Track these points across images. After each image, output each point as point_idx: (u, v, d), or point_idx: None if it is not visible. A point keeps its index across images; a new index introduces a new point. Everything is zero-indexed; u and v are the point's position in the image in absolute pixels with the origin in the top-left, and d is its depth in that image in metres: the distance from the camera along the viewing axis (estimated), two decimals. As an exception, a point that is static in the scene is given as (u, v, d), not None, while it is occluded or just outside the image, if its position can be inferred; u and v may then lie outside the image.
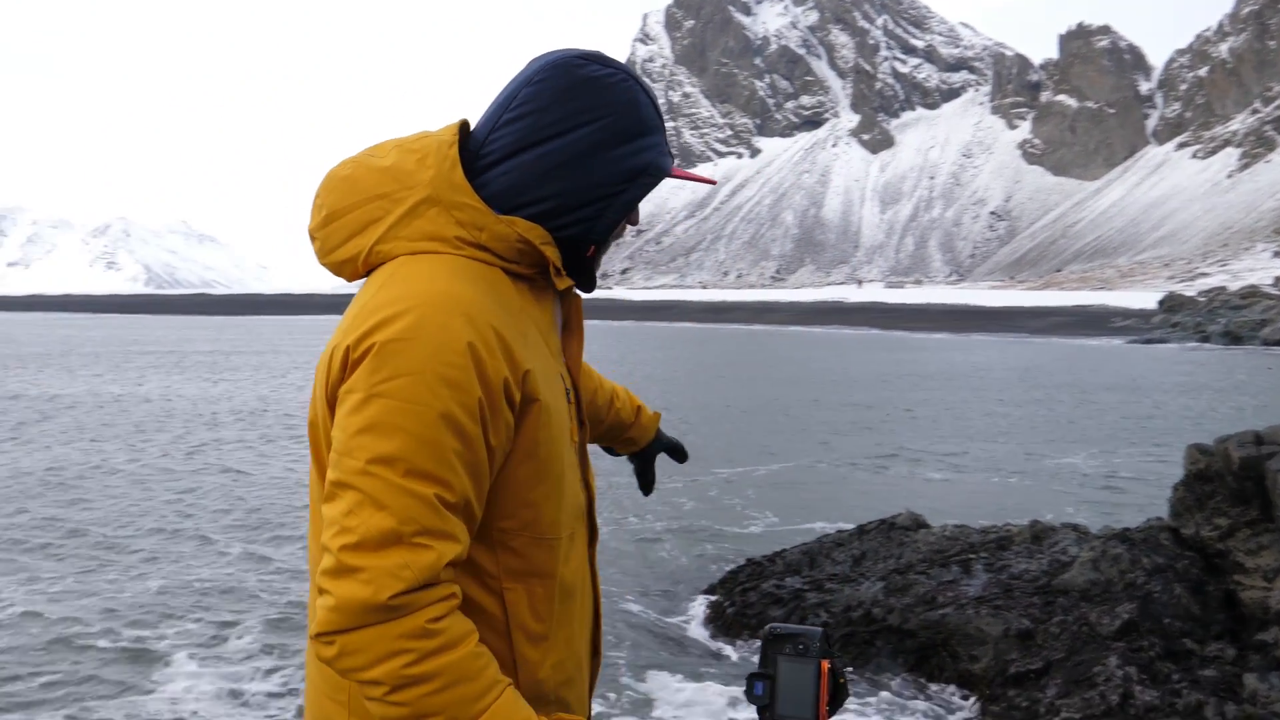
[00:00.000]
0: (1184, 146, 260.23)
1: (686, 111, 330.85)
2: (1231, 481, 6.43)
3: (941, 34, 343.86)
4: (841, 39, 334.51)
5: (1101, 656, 5.75)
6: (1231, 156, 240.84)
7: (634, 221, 1.56)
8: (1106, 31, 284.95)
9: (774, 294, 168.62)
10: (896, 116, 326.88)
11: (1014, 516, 9.47)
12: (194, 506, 11.71)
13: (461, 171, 1.43)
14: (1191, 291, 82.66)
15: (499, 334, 1.35)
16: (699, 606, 8.12)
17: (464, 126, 1.51)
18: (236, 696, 6.30)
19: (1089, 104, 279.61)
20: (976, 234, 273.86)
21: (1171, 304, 64.29)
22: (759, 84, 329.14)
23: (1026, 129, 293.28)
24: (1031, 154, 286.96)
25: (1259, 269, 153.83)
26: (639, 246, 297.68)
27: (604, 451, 2.10)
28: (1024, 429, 19.19)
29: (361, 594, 1.22)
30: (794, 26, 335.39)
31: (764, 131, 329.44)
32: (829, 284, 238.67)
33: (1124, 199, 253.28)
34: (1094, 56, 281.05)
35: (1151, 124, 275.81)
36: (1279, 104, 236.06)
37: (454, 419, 1.29)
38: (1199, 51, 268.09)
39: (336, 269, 1.50)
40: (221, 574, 8.88)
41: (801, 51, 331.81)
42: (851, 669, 6.71)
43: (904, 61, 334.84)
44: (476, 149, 1.47)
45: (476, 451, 1.32)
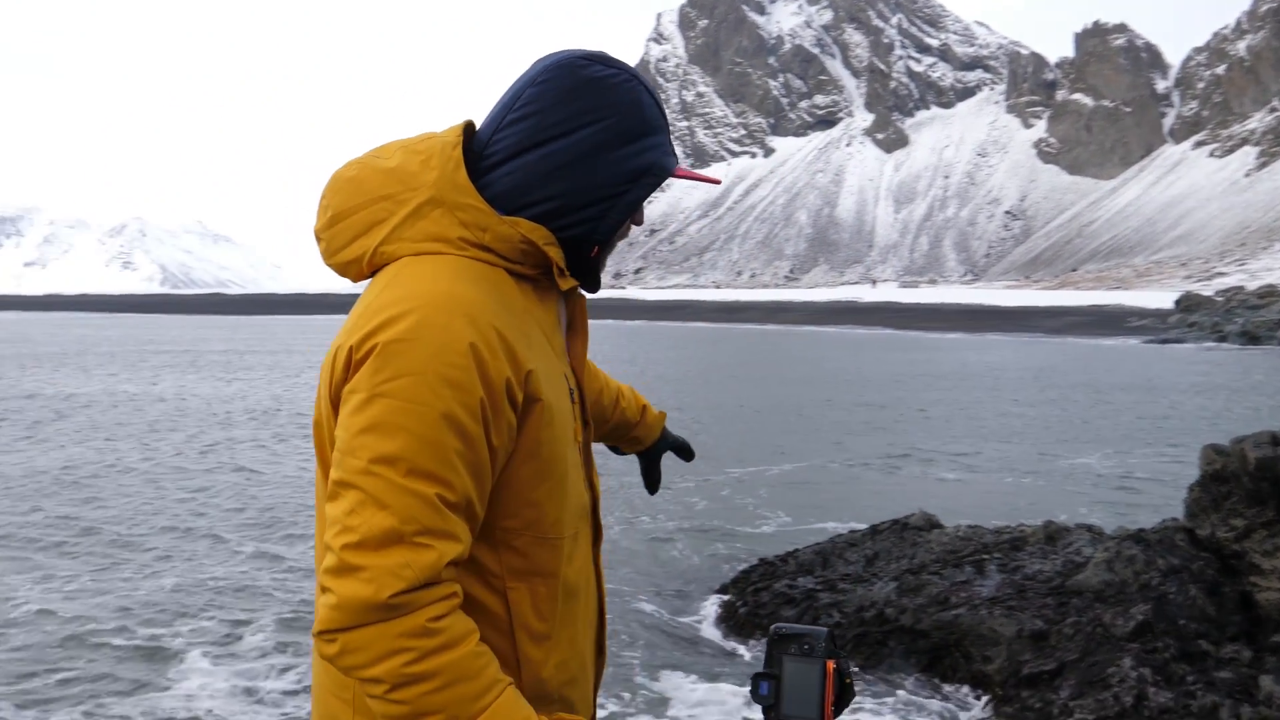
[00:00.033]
0: (1201, 145, 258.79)
1: (700, 111, 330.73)
2: (1248, 482, 6.38)
3: (956, 33, 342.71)
4: (856, 38, 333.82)
5: (1116, 658, 5.71)
6: (1249, 155, 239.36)
7: (639, 221, 1.56)
8: (1123, 30, 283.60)
9: (787, 294, 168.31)
10: (911, 116, 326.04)
11: (1028, 517, 9.43)
12: (207, 505, 11.76)
13: (465, 173, 1.43)
14: (1209, 291, 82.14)
15: (501, 334, 1.35)
16: (711, 606, 8.10)
17: (469, 127, 1.51)
18: (251, 694, 6.32)
19: (1105, 103, 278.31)
20: (991, 233, 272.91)
21: (1188, 304, 63.86)
22: (773, 83, 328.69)
23: (1042, 128, 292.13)
24: (1047, 153, 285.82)
25: (1277, 268, 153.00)
26: (652, 246, 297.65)
27: (610, 450, 2.10)
28: (1038, 429, 19.10)
29: (363, 592, 1.23)
30: (808, 26, 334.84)
31: (778, 131, 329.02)
32: (843, 284, 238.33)
33: (1140, 198, 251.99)
34: (1110, 55, 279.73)
35: (1168, 123, 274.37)
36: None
37: (456, 419, 1.29)
38: (1216, 49, 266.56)
39: (342, 270, 1.50)
40: (235, 572, 8.91)
41: (815, 51, 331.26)
42: (858, 669, 6.69)
43: (919, 60, 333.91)
44: (481, 150, 1.48)
45: (478, 451, 1.32)
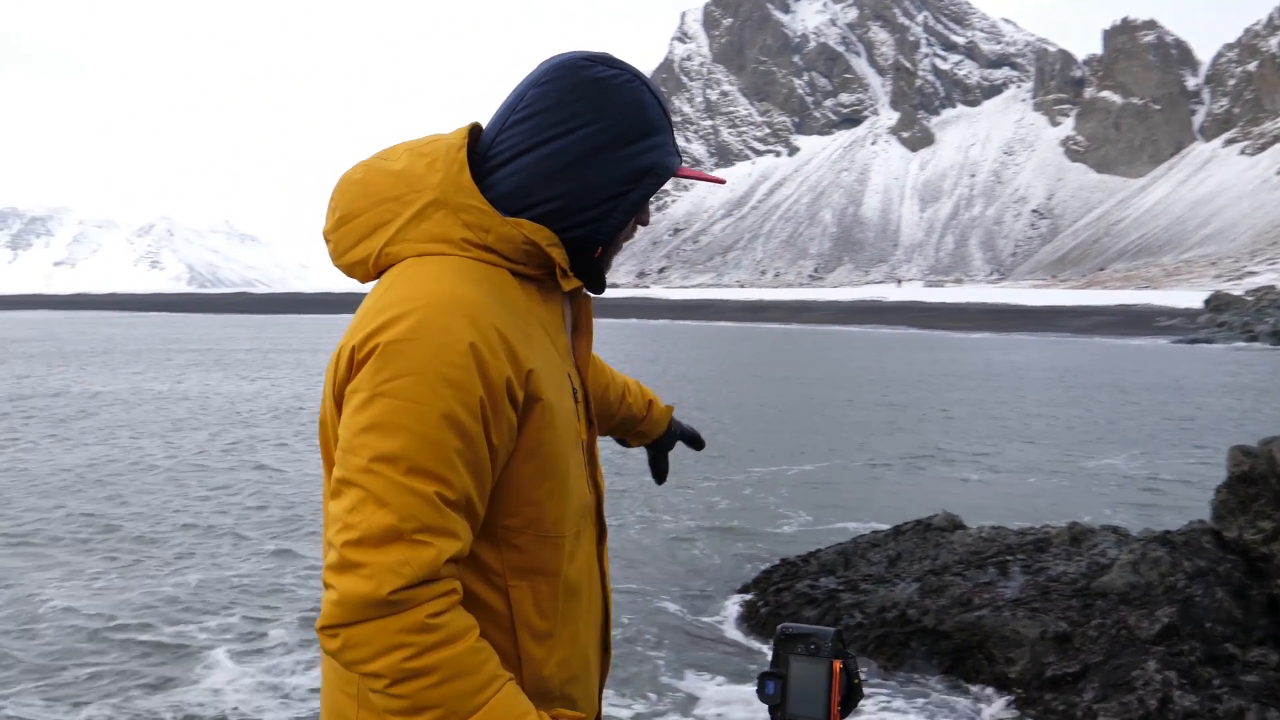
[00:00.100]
0: (1232, 143, 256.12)
1: (724, 110, 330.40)
2: (1276, 484, 6.30)
3: (983, 30, 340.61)
4: (881, 36, 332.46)
5: (1140, 660, 5.65)
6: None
7: (644, 221, 1.57)
8: (1152, 26, 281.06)
9: (812, 293, 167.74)
10: (937, 114, 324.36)
11: (1052, 518, 9.35)
12: (229, 503, 11.84)
13: (469, 174, 1.45)
14: (1239, 290, 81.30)
15: (502, 334, 1.37)
16: (733, 606, 8.10)
17: (475, 129, 1.53)
18: (277, 690, 6.37)
19: (1134, 100, 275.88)
20: (1018, 232, 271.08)
21: (1218, 303, 63.17)
22: (797, 82, 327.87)
23: (1069, 126, 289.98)
24: (1075, 151, 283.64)
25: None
26: (676, 245, 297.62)
27: (616, 443, 2.13)
28: (1063, 429, 18.95)
29: (363, 589, 1.25)
30: (833, 24, 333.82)
31: (802, 130, 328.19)
32: (868, 283, 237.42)
33: (1169, 196, 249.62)
34: (1139, 52, 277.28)
35: (1198, 120, 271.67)
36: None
37: (455, 418, 1.31)
38: (1248, 46, 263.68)
39: (349, 270, 1.52)
40: (258, 570, 8.97)
41: (840, 49, 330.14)
42: (883, 669, 6.66)
43: (944, 58, 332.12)
44: (485, 151, 1.49)
45: (478, 450, 1.34)
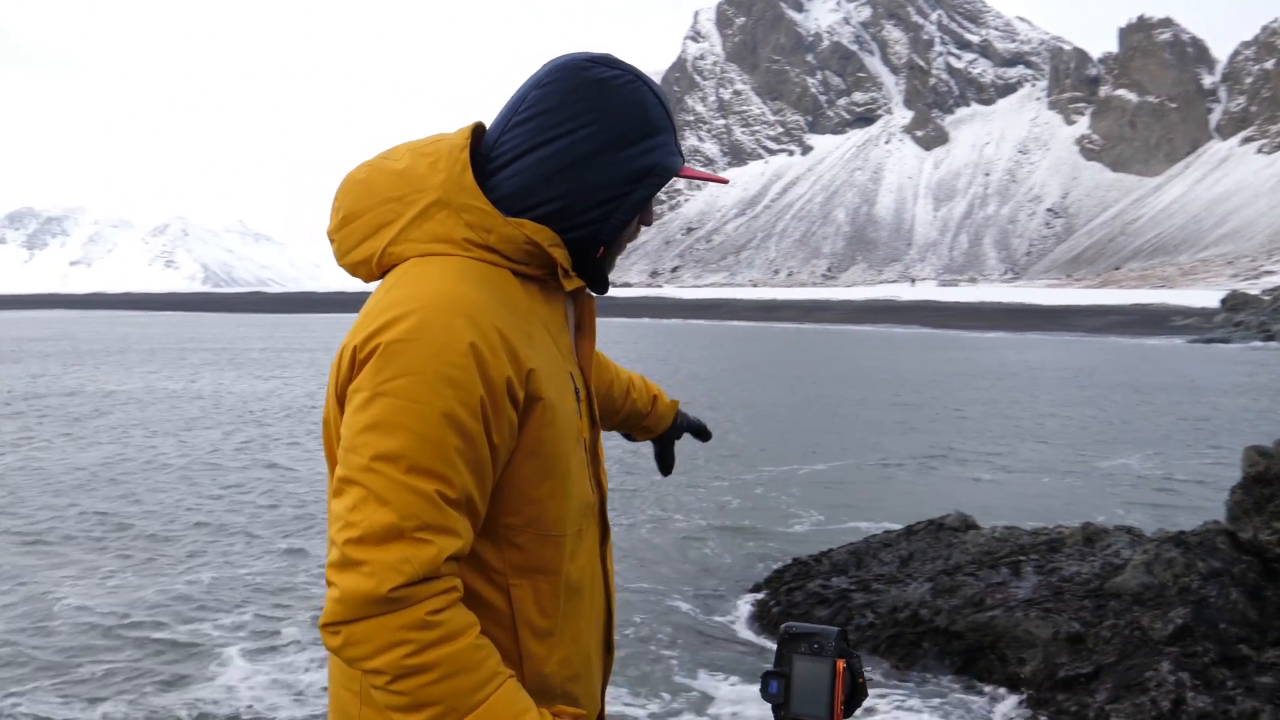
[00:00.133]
0: (1249, 141, 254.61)
1: (737, 109, 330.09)
2: (1291, 484, 6.25)
3: (997, 28, 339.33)
4: (895, 35, 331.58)
5: (1154, 661, 5.62)
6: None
7: (648, 222, 1.57)
8: (1168, 24, 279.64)
9: (825, 292, 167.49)
10: (951, 113, 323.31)
11: (1066, 518, 9.31)
12: (242, 502, 11.89)
13: (471, 175, 1.46)
14: (1256, 289, 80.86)
15: (502, 334, 1.37)
16: (745, 605, 8.09)
17: (478, 129, 1.53)
18: (290, 688, 6.39)
19: (1149, 98, 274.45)
20: (1033, 231, 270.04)
21: (1234, 302, 62.76)
22: (811, 81, 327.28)
23: (1085, 124, 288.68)
24: (1090, 150, 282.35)
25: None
26: (689, 245, 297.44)
27: (623, 438, 2.16)
28: (1077, 429, 18.86)
29: (364, 586, 1.26)
30: (846, 22, 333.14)
31: (816, 129, 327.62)
32: (881, 282, 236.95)
33: (1185, 195, 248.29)
34: (1155, 50, 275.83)
35: (1215, 118, 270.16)
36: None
37: (456, 417, 1.32)
38: (1265, 43, 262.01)
39: (352, 270, 1.53)
40: (272, 568, 9.01)
41: (854, 48, 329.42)
42: (879, 670, 6.65)
43: (959, 57, 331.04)
44: (488, 152, 1.50)
45: (479, 449, 1.35)
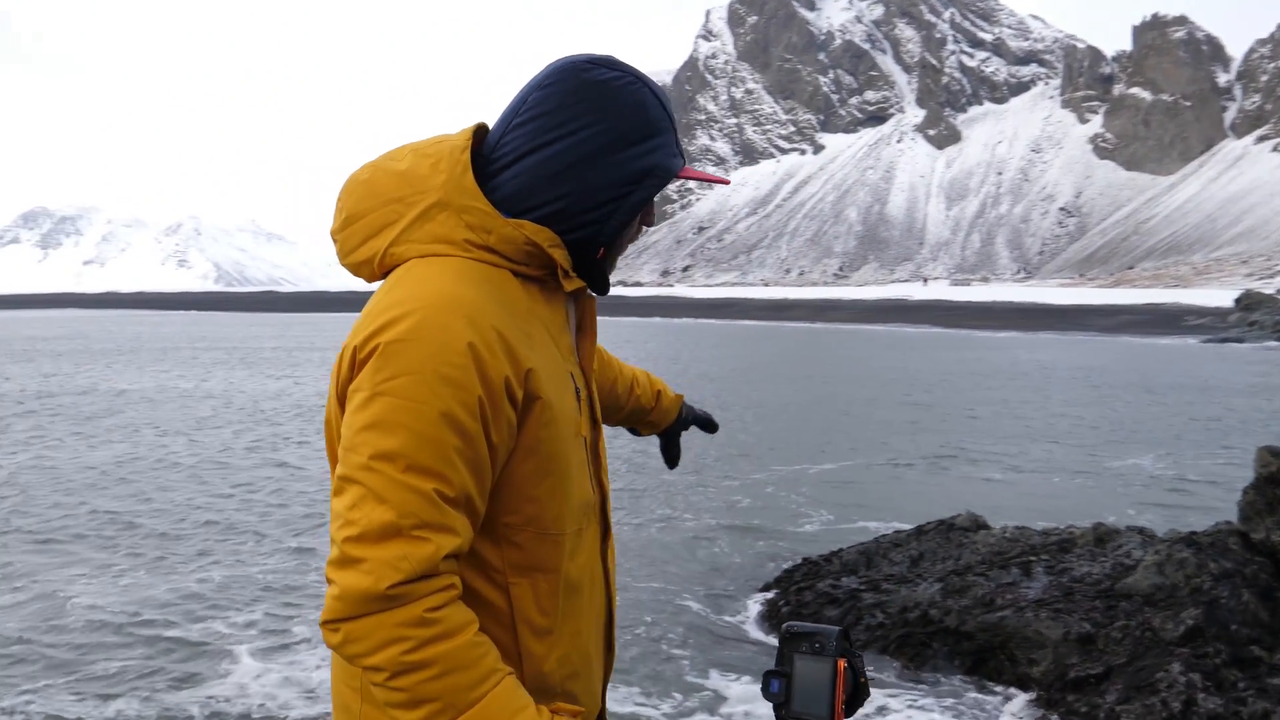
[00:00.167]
0: (1264, 140, 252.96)
1: (749, 108, 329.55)
2: (1304, 485, 6.22)
3: (1010, 26, 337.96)
4: (907, 33, 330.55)
5: (1164, 662, 5.60)
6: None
7: (649, 222, 1.58)
8: (1183, 22, 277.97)
9: (836, 291, 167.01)
10: (963, 111, 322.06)
11: (1077, 518, 9.28)
12: (252, 501, 11.93)
13: (471, 176, 1.47)
14: (1270, 289, 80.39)
15: (500, 334, 1.39)
16: (755, 605, 8.10)
17: (481, 130, 1.55)
18: (302, 686, 6.42)
19: (1164, 97, 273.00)
20: (1045, 230, 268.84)
21: (1249, 302, 62.36)
22: (823, 79, 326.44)
23: (1098, 123, 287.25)
24: (1103, 148, 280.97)
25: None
26: (700, 244, 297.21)
27: (629, 432, 2.18)
28: (1088, 429, 18.79)
29: (362, 583, 1.27)
30: (858, 21, 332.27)
31: (828, 127, 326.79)
32: (893, 281, 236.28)
33: (1200, 194, 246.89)
34: (1169, 48, 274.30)
35: (1230, 117, 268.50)
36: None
37: (453, 417, 1.33)
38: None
39: (355, 270, 1.55)
40: (282, 567, 9.04)
41: (866, 46, 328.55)
42: (890, 671, 6.64)
43: (971, 55, 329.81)
44: (490, 153, 1.51)
45: (477, 448, 1.36)
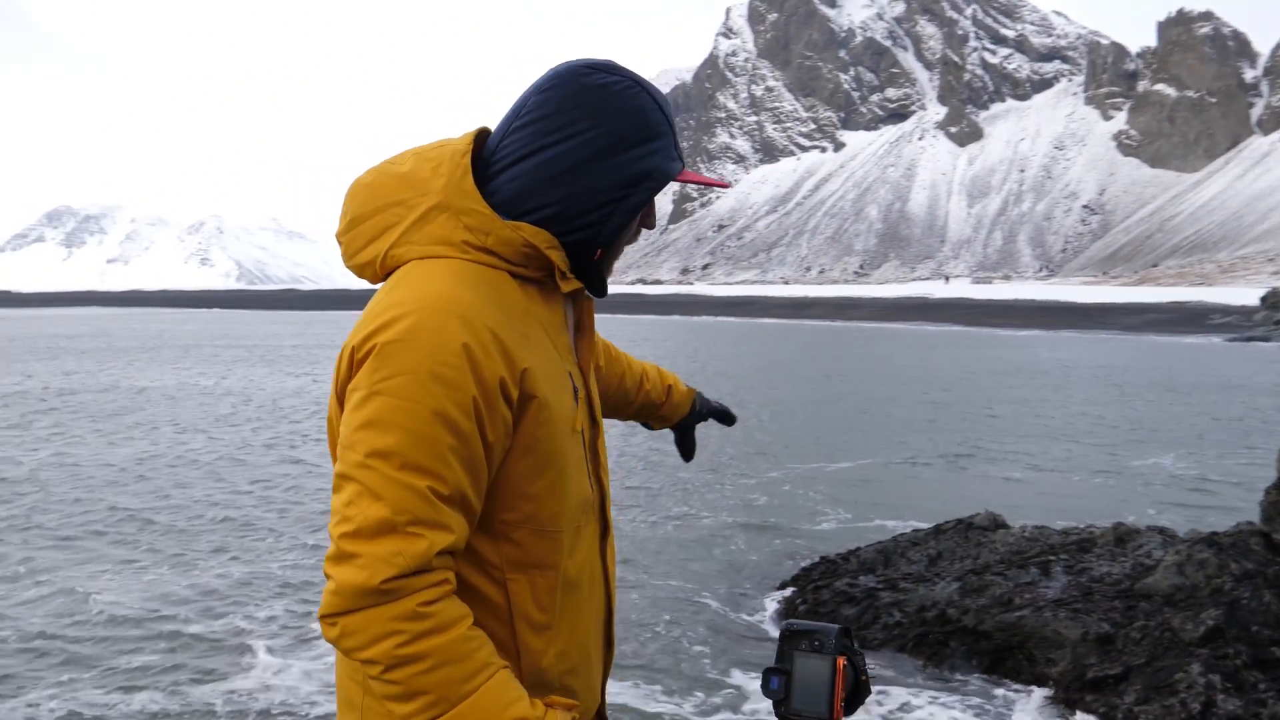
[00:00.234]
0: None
1: (770, 106, 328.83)
2: (1327, 485, 6.16)
3: (1033, 23, 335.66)
4: (929, 30, 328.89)
5: (1184, 663, 5.56)
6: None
7: (649, 224, 1.60)
8: (1209, 18, 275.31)
9: (857, 289, 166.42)
10: (985, 108, 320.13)
11: (1097, 518, 9.23)
12: (270, 498, 12.02)
13: (471, 179, 1.50)
14: (1296, 287, 79.38)
15: (496, 335, 1.41)
16: (773, 603, 8.12)
17: (482, 134, 1.57)
18: (322, 680, 6.48)
19: (1189, 93, 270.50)
20: (1068, 228, 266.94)
21: (1275, 300, 61.85)
22: (844, 77, 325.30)
23: (1122, 120, 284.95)
24: (1127, 145, 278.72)
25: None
26: (720, 242, 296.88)
27: (642, 427, 2.21)
28: (1109, 428, 18.67)
29: (357, 578, 1.30)
30: (880, 18, 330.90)
31: (848, 125, 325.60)
32: (914, 279, 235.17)
33: (1225, 191, 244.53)
34: (1195, 44, 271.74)
35: (1256, 113, 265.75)
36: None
37: (448, 416, 1.35)
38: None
39: (359, 271, 1.57)
40: (301, 562, 9.11)
41: (887, 43, 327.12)
42: (924, 667, 6.62)
43: (994, 52, 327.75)
44: (490, 156, 1.54)
45: (472, 447, 1.38)
